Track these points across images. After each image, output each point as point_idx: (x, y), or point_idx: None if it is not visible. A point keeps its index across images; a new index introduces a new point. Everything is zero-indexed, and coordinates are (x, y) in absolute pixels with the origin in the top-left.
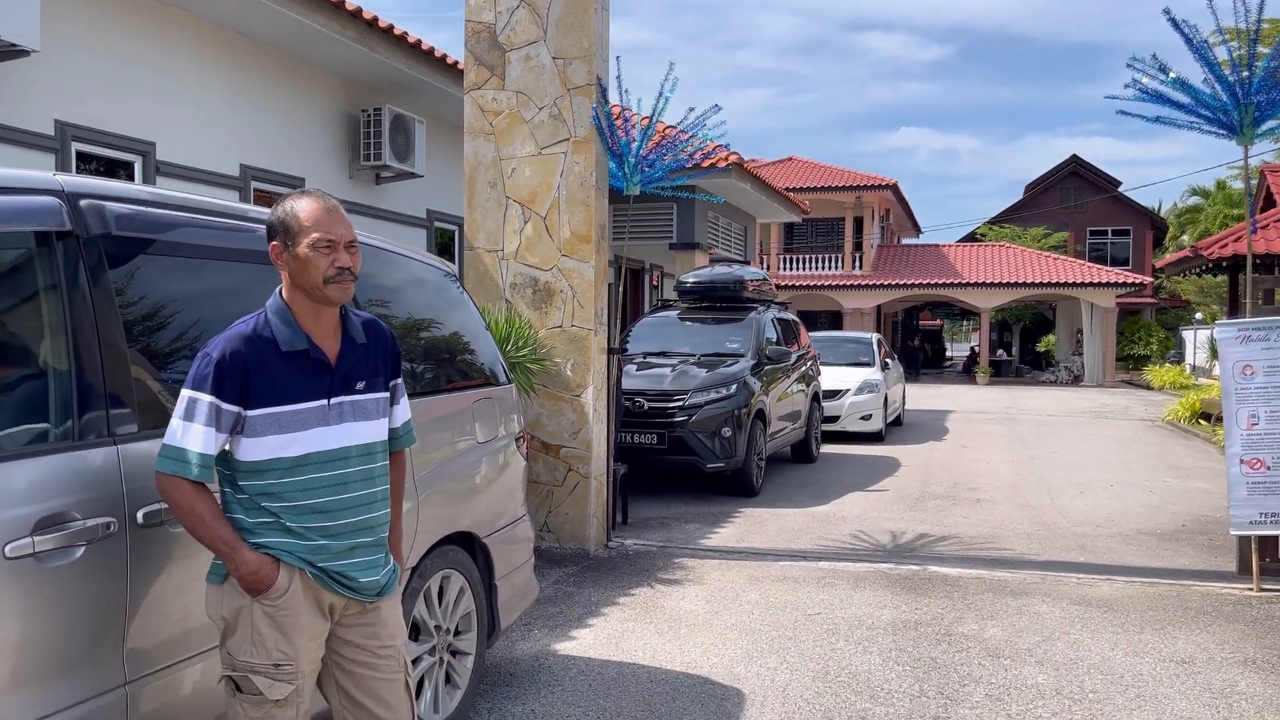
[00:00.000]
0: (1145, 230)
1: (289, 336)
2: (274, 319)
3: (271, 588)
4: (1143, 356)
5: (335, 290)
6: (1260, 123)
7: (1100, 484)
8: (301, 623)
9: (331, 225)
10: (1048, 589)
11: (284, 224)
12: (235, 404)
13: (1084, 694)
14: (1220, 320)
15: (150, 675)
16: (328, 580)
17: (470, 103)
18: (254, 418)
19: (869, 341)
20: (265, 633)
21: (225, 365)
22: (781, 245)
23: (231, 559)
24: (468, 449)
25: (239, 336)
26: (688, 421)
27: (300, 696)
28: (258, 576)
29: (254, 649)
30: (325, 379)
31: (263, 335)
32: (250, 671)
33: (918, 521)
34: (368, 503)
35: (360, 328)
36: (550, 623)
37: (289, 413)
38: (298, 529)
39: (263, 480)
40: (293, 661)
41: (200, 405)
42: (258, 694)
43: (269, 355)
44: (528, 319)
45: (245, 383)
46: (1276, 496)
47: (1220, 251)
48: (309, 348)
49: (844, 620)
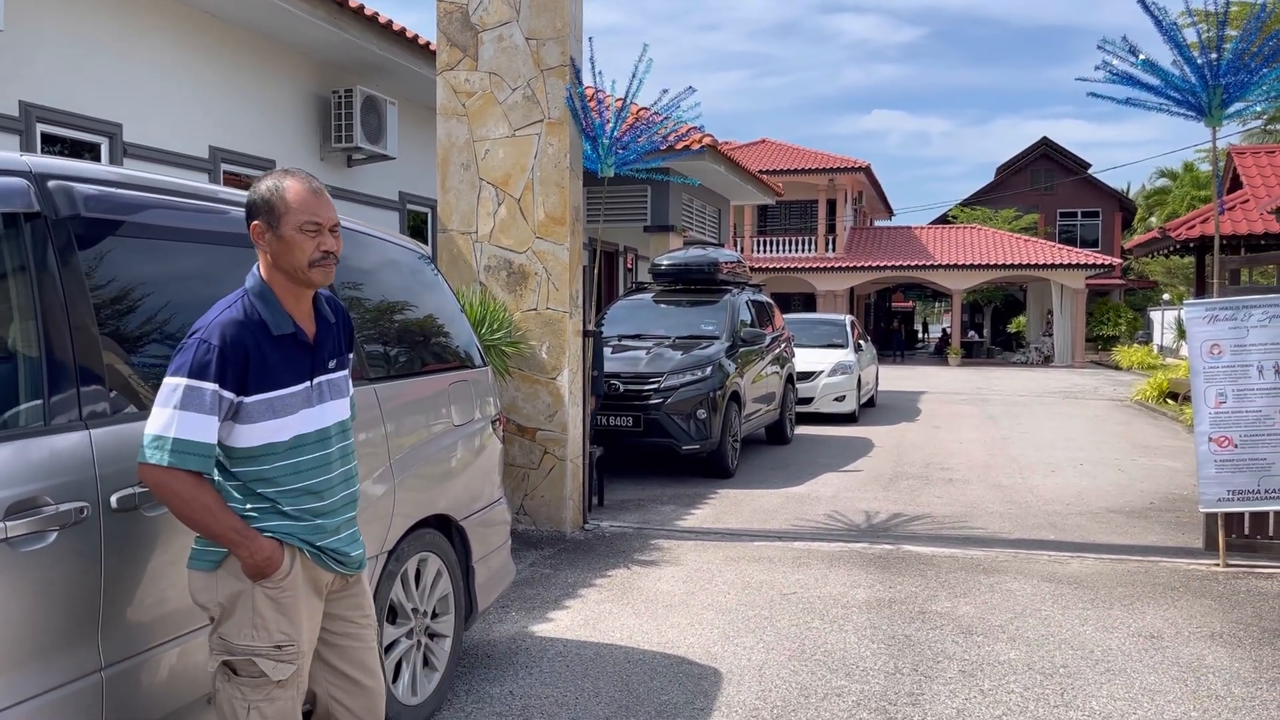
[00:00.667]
0: (1114, 212)
1: (276, 320)
2: (257, 301)
3: (278, 571)
4: (1112, 337)
5: (319, 274)
6: (1228, 105)
7: (1070, 463)
8: (301, 603)
9: (318, 208)
10: (1019, 567)
11: (268, 203)
12: (233, 391)
13: (1055, 669)
14: (1188, 301)
15: (126, 660)
16: (323, 559)
17: (443, 84)
18: (250, 404)
19: (842, 323)
20: (267, 615)
21: (229, 352)
22: (755, 228)
23: (245, 546)
24: (444, 432)
25: (234, 322)
26: (663, 404)
27: (300, 676)
28: (270, 561)
29: (255, 632)
30: (308, 360)
31: (253, 319)
32: (252, 655)
33: (891, 501)
34: (348, 479)
35: (326, 306)
36: (527, 605)
37: (281, 397)
38: (293, 511)
39: (256, 466)
40: (294, 642)
41: (204, 393)
42: (259, 676)
43: (262, 340)
44: (502, 302)
45: (245, 369)
46: (1244, 474)
47: (1188, 233)
48: (295, 330)
49: (819, 599)
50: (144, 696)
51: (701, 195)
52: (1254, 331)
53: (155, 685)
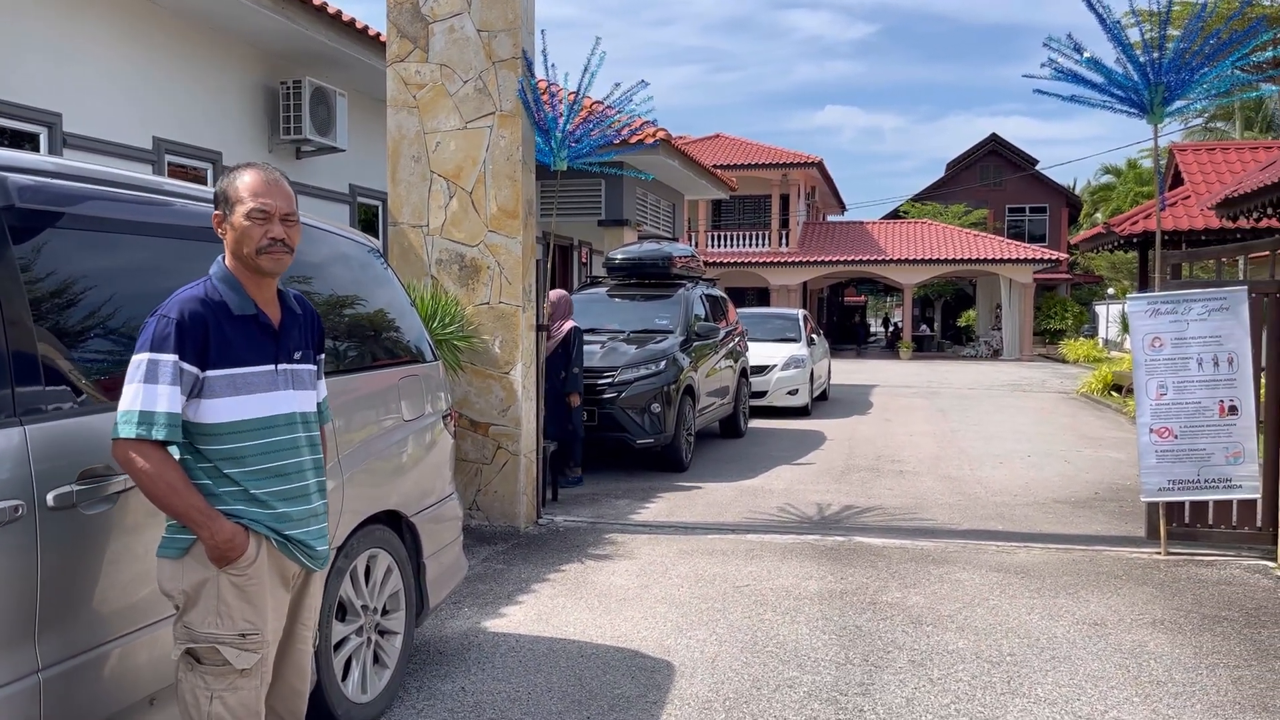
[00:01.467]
0: (1061, 208)
1: (238, 301)
2: (220, 285)
3: (242, 556)
4: (1059, 331)
5: (267, 260)
6: (1169, 102)
7: (1018, 455)
8: (266, 592)
9: (269, 196)
10: (968, 557)
11: (224, 194)
12: (194, 365)
13: (1002, 657)
14: (1131, 295)
15: (65, 662)
16: (291, 549)
17: (393, 75)
18: (212, 378)
19: (795, 318)
20: (232, 603)
21: (186, 325)
22: (709, 222)
23: (207, 527)
24: (394, 427)
25: (193, 299)
26: (617, 398)
27: (264, 666)
28: (232, 545)
29: (219, 620)
30: (271, 345)
31: (213, 299)
32: (216, 643)
33: (843, 493)
34: (316, 468)
35: (295, 302)
36: (480, 600)
37: (243, 375)
38: (261, 495)
39: (225, 444)
40: (259, 631)
41: (164, 366)
42: (223, 665)
43: (222, 318)
44: (454, 296)
45: (204, 343)
46: (1183, 464)
47: (1131, 228)
48: (257, 313)
49: (772, 591)
50: (84, 698)
51: (656, 189)
52: (1194, 325)
53: (96, 687)
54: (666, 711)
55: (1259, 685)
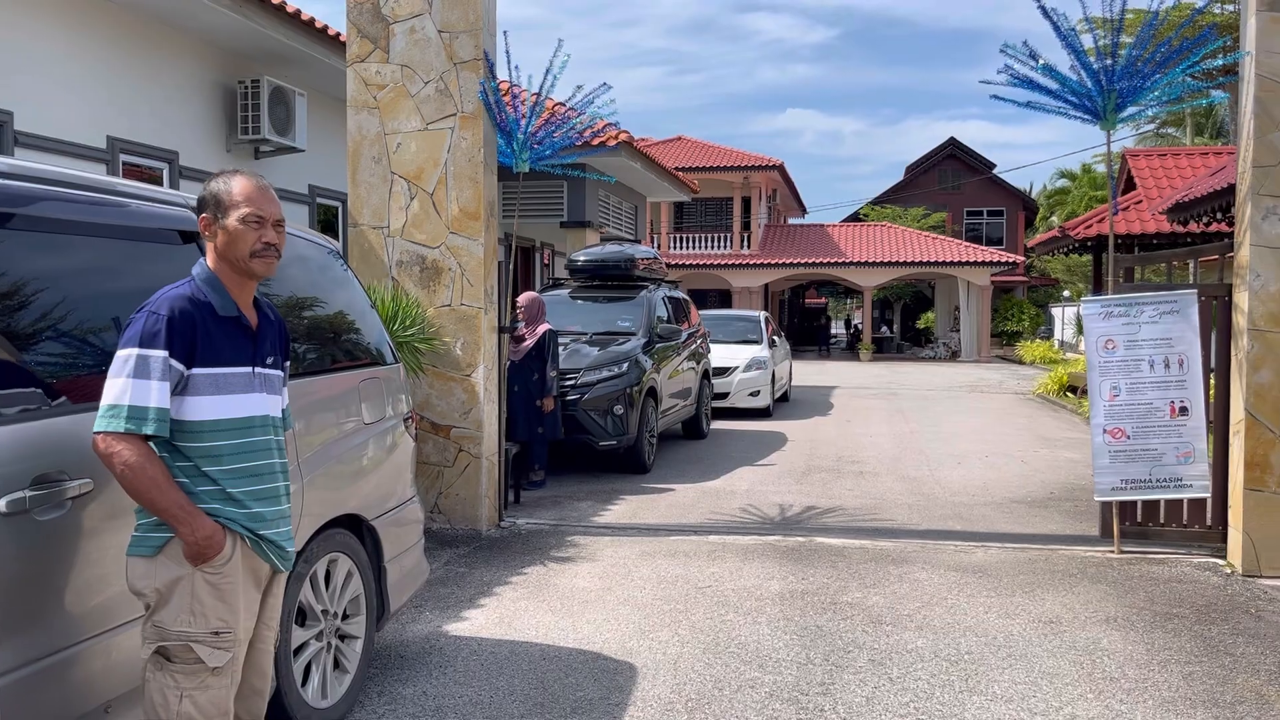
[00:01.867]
0: (1018, 211)
1: (222, 303)
2: (204, 286)
3: (219, 555)
4: (1015, 332)
5: (260, 264)
6: (1122, 109)
7: (976, 455)
8: (240, 590)
9: (263, 202)
10: (927, 557)
11: (216, 198)
12: (181, 362)
13: (960, 656)
14: (1085, 298)
15: (18, 670)
16: (264, 549)
17: (353, 75)
18: (197, 376)
19: (757, 319)
20: (206, 601)
21: (176, 322)
22: (671, 224)
23: (188, 524)
24: (354, 430)
25: (182, 297)
26: (580, 400)
27: (235, 665)
28: (211, 542)
29: (193, 618)
30: (250, 348)
31: (200, 299)
32: (189, 640)
33: (804, 494)
34: (284, 471)
35: (267, 307)
36: (442, 604)
37: (225, 375)
38: (238, 495)
39: (205, 442)
40: (232, 629)
41: (155, 361)
42: (195, 663)
43: (208, 318)
44: (415, 297)
45: (193, 341)
46: (1136, 464)
47: (1085, 232)
48: (239, 315)
49: (734, 592)
50: (38, 706)
51: (618, 191)
52: (1145, 327)
53: (50, 694)
54: (629, 713)
55: (1209, 681)
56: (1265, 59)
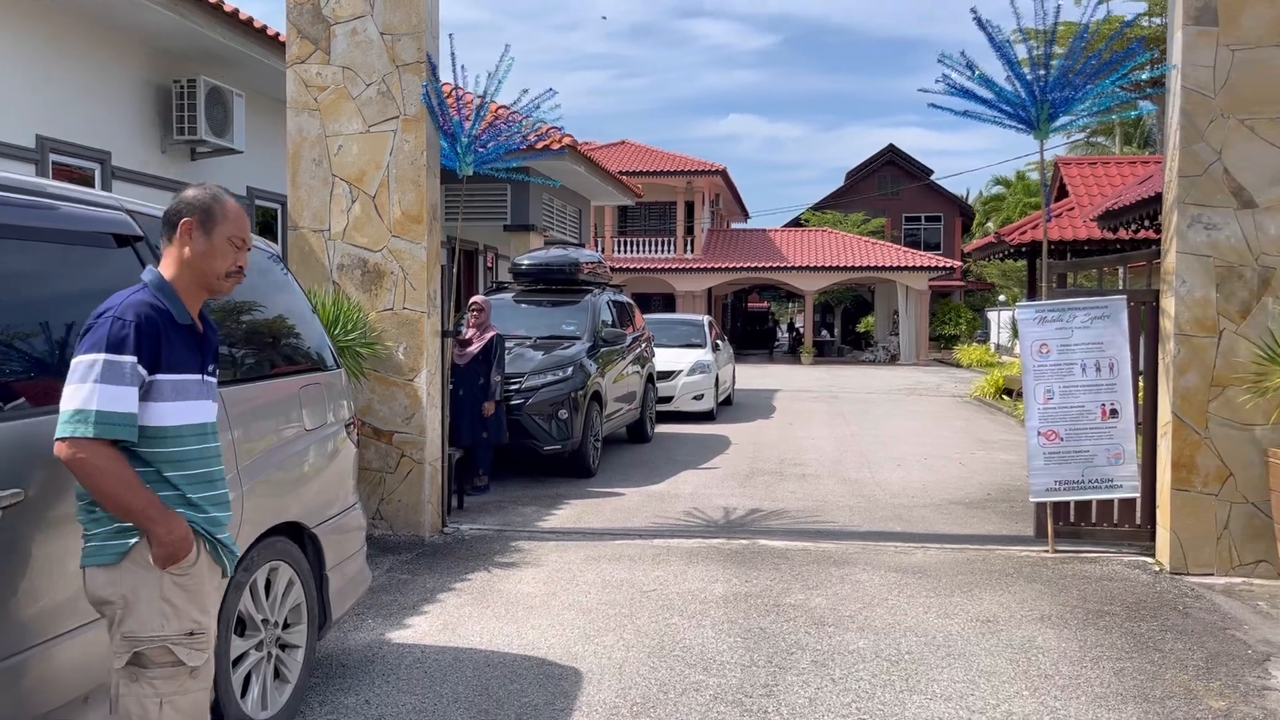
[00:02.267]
0: (955, 217)
1: (178, 310)
2: (159, 293)
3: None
4: (953, 336)
5: (229, 284)
6: (1055, 118)
7: (915, 457)
8: (206, 591)
9: (245, 226)
10: (868, 558)
11: (207, 209)
12: (146, 368)
13: (901, 656)
14: (1020, 303)
15: None
16: (219, 553)
17: (293, 77)
18: (160, 382)
19: (701, 324)
20: (178, 602)
21: (144, 328)
22: (615, 228)
23: (163, 524)
24: (295, 437)
25: (145, 304)
26: (524, 404)
27: (209, 668)
28: (184, 543)
29: (165, 620)
30: (198, 355)
31: (159, 305)
32: (166, 642)
33: (747, 497)
34: (227, 477)
35: (206, 314)
36: (384, 611)
37: (182, 381)
38: (196, 499)
39: (169, 447)
40: (205, 630)
41: (124, 367)
42: (174, 665)
43: (168, 324)
44: (357, 301)
45: (157, 347)
46: (1069, 465)
47: (1020, 238)
48: (193, 323)
49: (678, 595)
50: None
51: (562, 195)
52: (1078, 332)
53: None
54: (574, 718)
55: (1139, 677)
56: (1190, 72)
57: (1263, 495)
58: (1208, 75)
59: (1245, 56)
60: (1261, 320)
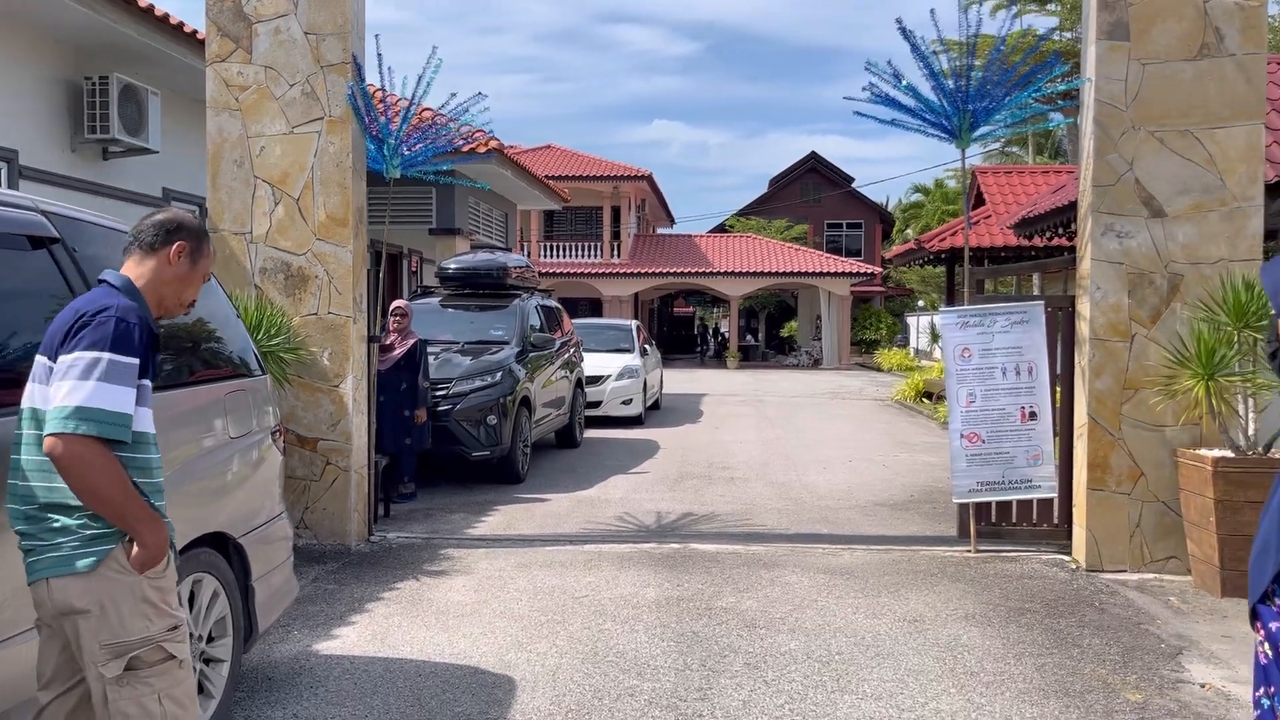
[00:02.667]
0: (875, 224)
1: (150, 318)
2: (135, 301)
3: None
4: (874, 340)
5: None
6: (976, 128)
7: (840, 460)
8: (174, 589)
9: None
10: (797, 560)
11: (199, 238)
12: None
13: (831, 656)
14: (942, 308)
15: None
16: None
17: (213, 75)
18: (143, 387)
19: (629, 328)
20: (157, 601)
21: (146, 331)
22: (542, 233)
23: (152, 527)
24: (218, 446)
25: (135, 308)
26: (452, 410)
27: (190, 660)
28: (165, 545)
29: (149, 621)
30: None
31: (144, 311)
32: (156, 641)
33: (677, 501)
34: None
35: None
36: (311, 622)
37: (149, 388)
38: (157, 506)
39: (140, 453)
40: (183, 623)
41: (129, 367)
42: (166, 660)
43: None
44: (280, 306)
45: (148, 352)
46: (990, 467)
47: (939, 245)
48: (158, 334)
49: (610, 601)
50: None
51: (488, 199)
52: (998, 336)
53: None
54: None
55: (1060, 672)
56: (1104, 84)
57: (1172, 494)
58: (1120, 88)
59: (1155, 70)
60: (1171, 325)
